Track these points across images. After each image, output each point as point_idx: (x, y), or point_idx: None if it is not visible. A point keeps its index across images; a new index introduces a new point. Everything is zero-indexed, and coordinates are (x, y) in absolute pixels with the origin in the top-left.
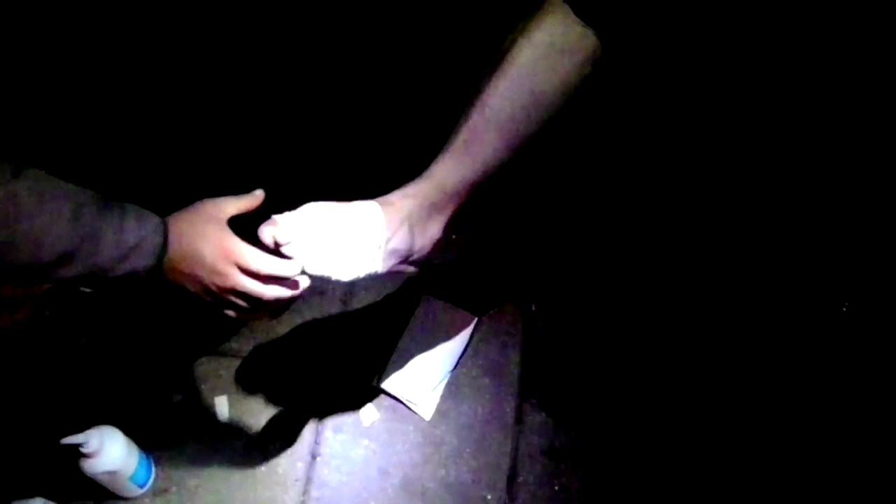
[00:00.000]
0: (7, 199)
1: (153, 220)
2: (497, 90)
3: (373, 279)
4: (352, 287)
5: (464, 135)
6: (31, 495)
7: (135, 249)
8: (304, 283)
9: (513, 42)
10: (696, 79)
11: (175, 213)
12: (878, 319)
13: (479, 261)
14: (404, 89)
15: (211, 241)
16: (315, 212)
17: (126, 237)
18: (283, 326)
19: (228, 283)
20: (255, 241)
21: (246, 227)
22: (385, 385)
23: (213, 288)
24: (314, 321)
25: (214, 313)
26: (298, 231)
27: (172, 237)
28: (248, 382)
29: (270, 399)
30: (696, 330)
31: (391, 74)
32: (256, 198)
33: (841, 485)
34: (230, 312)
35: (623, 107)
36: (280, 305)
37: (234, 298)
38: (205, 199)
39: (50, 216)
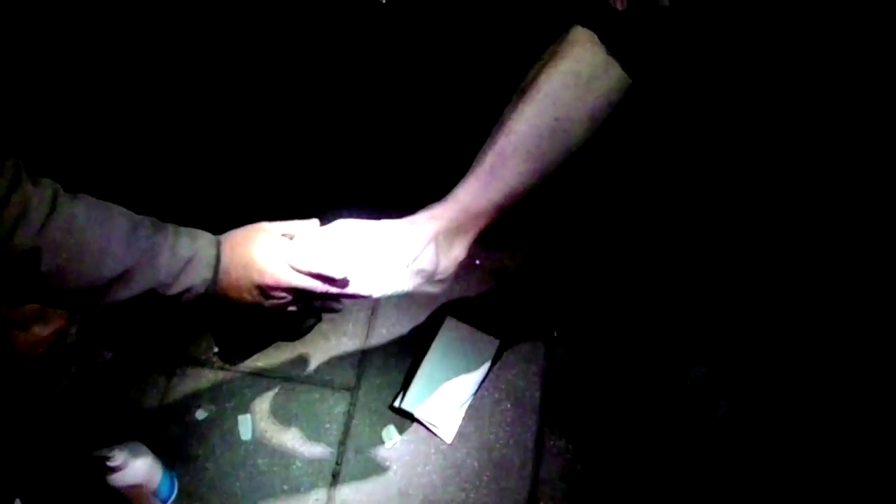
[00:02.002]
0: (67, 222)
1: (206, 236)
2: (523, 116)
3: (398, 298)
4: (375, 308)
5: (490, 159)
6: None
7: (191, 262)
8: (352, 286)
9: (540, 70)
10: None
11: (228, 232)
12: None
13: (502, 284)
14: (433, 112)
15: (263, 246)
16: (344, 229)
17: (181, 251)
18: (306, 346)
19: (283, 281)
20: None
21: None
22: (407, 406)
23: (268, 289)
24: (337, 341)
25: (271, 318)
26: (326, 247)
27: (225, 248)
28: (271, 401)
29: (293, 419)
30: (716, 356)
31: (421, 95)
32: (309, 224)
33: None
34: (290, 308)
35: (648, 132)
36: (330, 303)
37: (287, 295)
38: (258, 223)
39: (108, 236)
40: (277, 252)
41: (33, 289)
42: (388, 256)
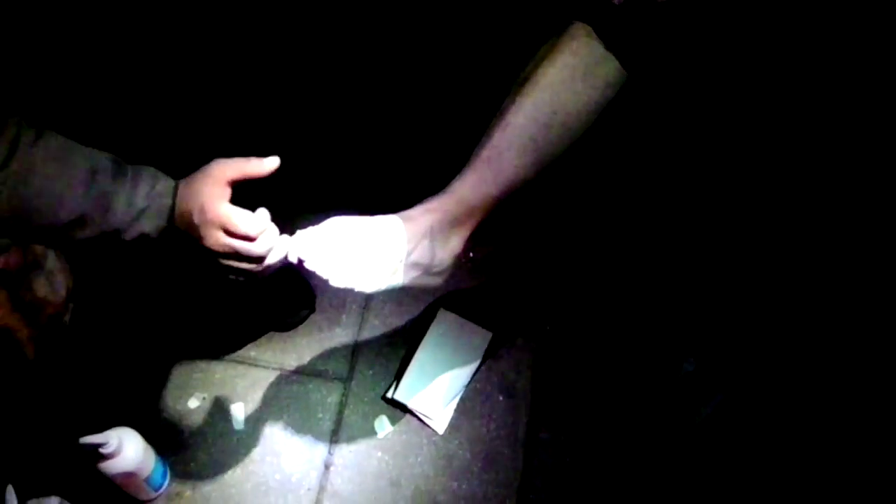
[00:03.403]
0: (25, 165)
1: (165, 183)
2: (521, 109)
3: (392, 291)
4: (369, 299)
5: (487, 152)
6: (48, 494)
7: (145, 212)
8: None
9: (538, 63)
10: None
11: (190, 175)
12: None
13: (496, 277)
14: (429, 105)
15: (200, 202)
16: (338, 226)
17: (137, 201)
18: (299, 336)
19: (215, 244)
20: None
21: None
22: (399, 397)
23: (206, 247)
24: (331, 332)
25: (219, 280)
26: (321, 246)
27: (180, 198)
28: (264, 391)
29: (286, 408)
30: (707, 351)
31: (417, 90)
32: (265, 164)
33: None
34: (230, 267)
35: (643, 126)
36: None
37: (224, 260)
38: (217, 159)
39: (65, 182)
40: (209, 211)
41: None
42: (382, 252)
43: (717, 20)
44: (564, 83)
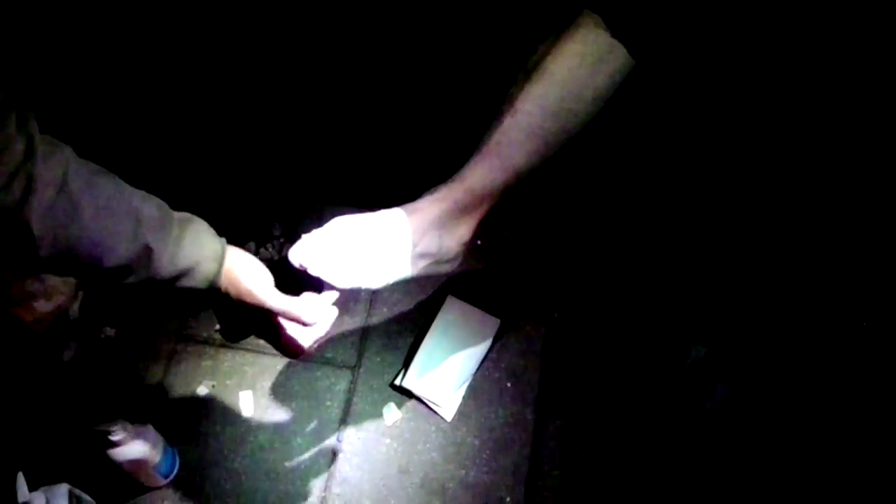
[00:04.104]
0: (72, 209)
1: (211, 247)
2: (529, 97)
3: (400, 281)
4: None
5: (495, 139)
6: (58, 481)
7: (189, 272)
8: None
9: (546, 51)
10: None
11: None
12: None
13: (504, 265)
14: (437, 94)
15: (254, 297)
16: (340, 227)
17: (181, 261)
18: None
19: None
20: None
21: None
22: (408, 385)
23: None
24: (339, 319)
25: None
26: (324, 250)
27: (229, 267)
28: (272, 378)
29: (294, 396)
30: (716, 338)
31: (424, 80)
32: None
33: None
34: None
35: (651, 114)
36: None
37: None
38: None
39: (109, 230)
40: (273, 297)
41: (36, 268)
42: (388, 248)
43: (726, 8)
44: (572, 71)
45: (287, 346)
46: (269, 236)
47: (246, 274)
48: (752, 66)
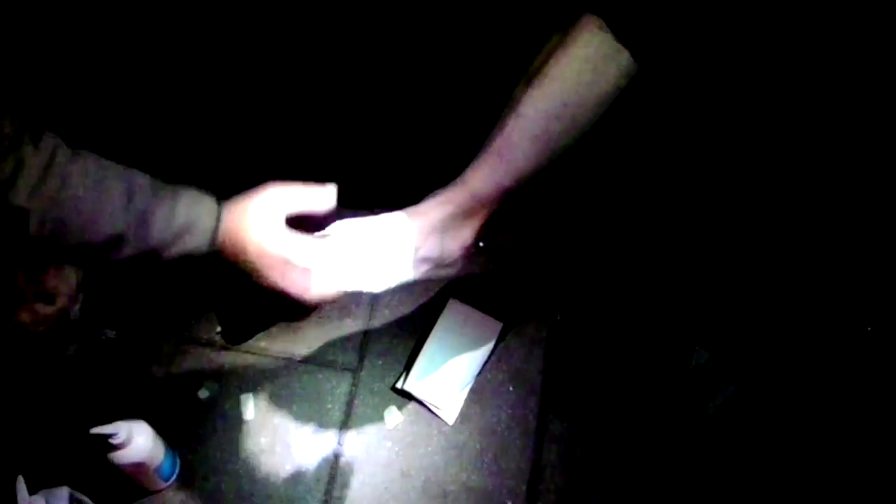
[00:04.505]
0: (60, 186)
1: (208, 204)
2: (532, 100)
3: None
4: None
5: (498, 143)
6: (58, 484)
7: (185, 231)
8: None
9: (549, 54)
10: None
11: (235, 198)
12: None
13: (507, 267)
14: (439, 97)
15: (256, 242)
16: (342, 231)
17: (176, 219)
18: (308, 327)
19: (276, 284)
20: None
21: None
22: (409, 388)
23: (264, 286)
24: (340, 322)
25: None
26: (325, 254)
27: (226, 225)
28: (274, 381)
29: (295, 399)
30: (719, 342)
31: (426, 82)
32: (326, 195)
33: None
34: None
35: (652, 113)
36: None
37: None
38: (271, 186)
39: (101, 201)
40: (275, 237)
41: (26, 247)
42: (390, 251)
43: (729, 12)
44: (575, 75)
45: (296, 304)
46: None
47: (247, 219)
48: (756, 69)
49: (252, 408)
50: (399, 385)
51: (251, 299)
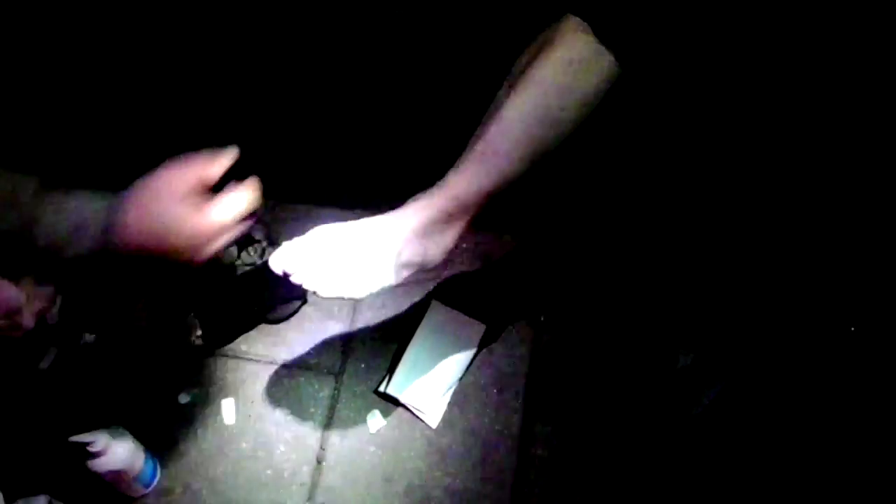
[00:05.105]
0: None
1: (98, 203)
2: (514, 103)
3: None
4: None
5: (481, 147)
6: (36, 493)
7: (76, 232)
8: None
9: (531, 57)
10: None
11: (132, 188)
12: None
13: (489, 269)
14: (421, 99)
15: (163, 224)
16: (323, 235)
17: (64, 222)
18: (290, 330)
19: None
20: None
21: None
22: (392, 391)
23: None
24: (322, 325)
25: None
26: (306, 258)
27: (123, 217)
28: (255, 385)
29: (277, 403)
30: (704, 344)
31: (409, 85)
32: (223, 160)
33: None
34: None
35: (635, 117)
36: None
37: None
38: (165, 168)
39: None
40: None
41: None
42: (371, 257)
43: (714, 13)
44: (558, 78)
45: (198, 246)
46: (251, 240)
47: (158, 208)
48: (741, 71)
49: (233, 412)
50: (382, 389)
51: (231, 300)
